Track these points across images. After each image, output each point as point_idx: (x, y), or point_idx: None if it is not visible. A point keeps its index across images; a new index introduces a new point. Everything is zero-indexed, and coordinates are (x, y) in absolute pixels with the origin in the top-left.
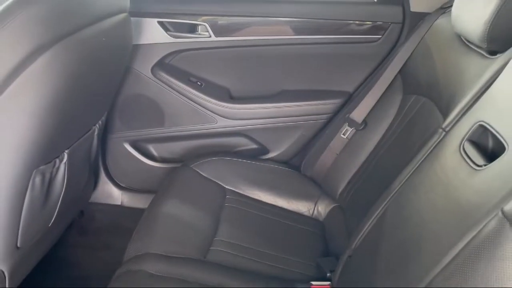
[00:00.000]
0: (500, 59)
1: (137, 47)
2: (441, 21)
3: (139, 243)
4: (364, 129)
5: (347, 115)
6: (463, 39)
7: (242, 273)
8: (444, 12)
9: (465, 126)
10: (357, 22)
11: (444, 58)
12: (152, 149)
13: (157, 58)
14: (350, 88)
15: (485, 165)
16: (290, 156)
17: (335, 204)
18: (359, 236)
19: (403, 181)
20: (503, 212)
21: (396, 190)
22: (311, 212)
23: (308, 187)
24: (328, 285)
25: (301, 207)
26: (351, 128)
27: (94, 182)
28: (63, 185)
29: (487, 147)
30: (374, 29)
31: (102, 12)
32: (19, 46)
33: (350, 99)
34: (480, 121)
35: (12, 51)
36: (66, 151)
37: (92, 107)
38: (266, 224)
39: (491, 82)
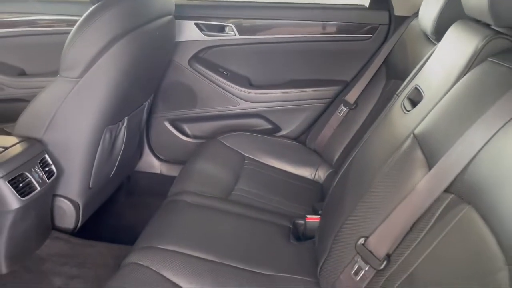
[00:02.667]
0: (438, 45)
1: (177, 43)
2: (415, 22)
3: (179, 185)
4: (355, 109)
5: (343, 98)
6: (424, 33)
7: (255, 208)
8: (417, 16)
9: (408, 90)
10: (352, 23)
11: (413, 49)
12: (186, 127)
13: (193, 52)
14: (347, 78)
15: (411, 109)
16: (298, 133)
17: (332, 170)
18: (339, 175)
19: (370, 131)
20: (414, 135)
21: (365, 140)
22: (312, 176)
23: (311, 157)
24: (319, 217)
25: (305, 172)
26: (346, 107)
27: (140, 154)
28: (122, 143)
29: (416, 100)
30: (366, 30)
31: (156, 13)
32: (104, 35)
33: (346, 86)
34: (416, 85)
35: (99, 38)
36: (126, 117)
37: (145, 87)
38: (275, 182)
39: (427, 60)
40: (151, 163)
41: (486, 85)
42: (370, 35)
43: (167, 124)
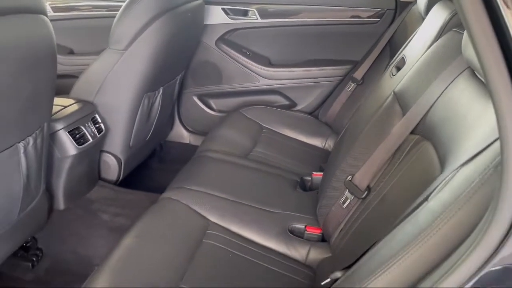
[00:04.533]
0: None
1: (206, 26)
2: (415, 6)
3: (205, 145)
4: (362, 84)
5: (351, 75)
6: (421, 15)
7: (269, 166)
8: None
9: (397, 60)
10: (362, 9)
11: (412, 30)
12: (212, 102)
13: (220, 34)
14: (356, 57)
15: (396, 74)
16: (313, 108)
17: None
18: (340, 135)
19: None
20: (394, 92)
21: (361, 104)
22: (323, 145)
23: (322, 128)
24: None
25: (316, 141)
26: (353, 83)
27: (171, 125)
28: (158, 111)
29: (400, 67)
30: (374, 14)
31: None
32: (146, 14)
33: (356, 65)
34: (403, 55)
35: (142, 16)
36: (162, 87)
37: (177, 62)
38: (289, 148)
39: (415, 35)
40: (181, 134)
41: (448, 50)
42: (378, 19)
43: (195, 99)
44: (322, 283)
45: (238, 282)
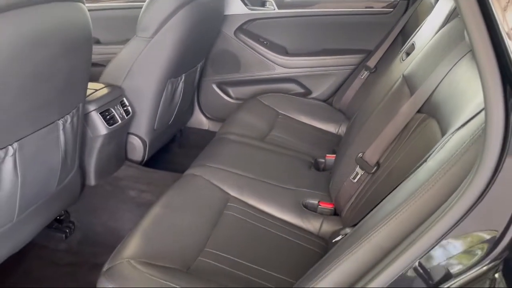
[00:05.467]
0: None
1: (225, 16)
2: None
3: (224, 129)
4: (375, 72)
5: (365, 63)
6: (432, 4)
7: (284, 148)
8: None
9: (407, 46)
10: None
11: (423, 19)
12: (230, 90)
13: (238, 24)
14: (370, 47)
15: (405, 59)
16: (327, 96)
17: None
18: (352, 119)
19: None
20: (403, 75)
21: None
22: (337, 130)
23: (336, 115)
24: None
25: (330, 127)
26: (367, 71)
27: (191, 112)
28: (180, 96)
29: (410, 52)
30: (388, 5)
31: None
32: (170, 4)
33: (369, 54)
34: (413, 42)
35: (167, 6)
36: (184, 74)
37: (198, 50)
38: (304, 133)
39: (424, 23)
40: (200, 121)
41: (453, 35)
42: (391, 9)
43: (214, 86)
44: (334, 240)
45: (256, 247)
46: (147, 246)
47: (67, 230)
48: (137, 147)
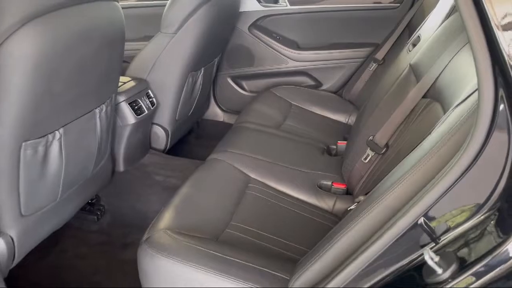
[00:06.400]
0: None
1: (240, 13)
2: None
3: (241, 118)
4: (383, 64)
5: (373, 56)
6: None
7: (298, 135)
8: None
9: (414, 37)
10: None
11: (429, 12)
12: (244, 83)
13: (252, 20)
14: (378, 40)
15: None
16: (337, 88)
17: None
18: (362, 108)
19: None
20: (410, 65)
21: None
22: (346, 120)
23: (346, 106)
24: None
25: (340, 117)
26: (375, 63)
27: (207, 105)
28: (199, 89)
29: (416, 44)
30: (395, 0)
31: None
32: (192, 2)
33: (377, 47)
34: (419, 34)
35: (189, 4)
36: (203, 68)
37: (216, 45)
38: (316, 122)
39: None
40: (216, 113)
41: (454, 28)
42: (398, 4)
43: (229, 80)
44: (349, 208)
45: (276, 222)
46: (180, 219)
47: (98, 213)
48: (161, 137)
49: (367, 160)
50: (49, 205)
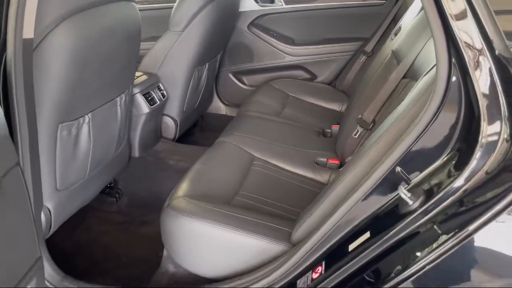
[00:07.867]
0: None
1: (240, 13)
2: None
3: (244, 108)
4: (371, 56)
5: (362, 49)
6: None
7: (297, 122)
8: None
9: (396, 28)
10: None
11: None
12: (244, 78)
13: (251, 19)
14: (366, 35)
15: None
16: (331, 80)
17: None
18: (352, 95)
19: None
20: (392, 51)
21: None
22: (340, 109)
23: (339, 95)
24: None
25: (334, 106)
26: (364, 55)
27: (211, 99)
28: (204, 82)
29: (398, 33)
30: None
31: None
32: (198, 2)
33: (366, 41)
34: (400, 24)
35: (195, 4)
36: (208, 63)
37: (219, 42)
38: (311, 111)
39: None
40: (219, 107)
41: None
42: (384, 1)
43: (231, 75)
44: (341, 169)
45: (278, 191)
46: (195, 189)
47: (117, 195)
48: (170, 126)
49: (356, 136)
50: (78, 182)
